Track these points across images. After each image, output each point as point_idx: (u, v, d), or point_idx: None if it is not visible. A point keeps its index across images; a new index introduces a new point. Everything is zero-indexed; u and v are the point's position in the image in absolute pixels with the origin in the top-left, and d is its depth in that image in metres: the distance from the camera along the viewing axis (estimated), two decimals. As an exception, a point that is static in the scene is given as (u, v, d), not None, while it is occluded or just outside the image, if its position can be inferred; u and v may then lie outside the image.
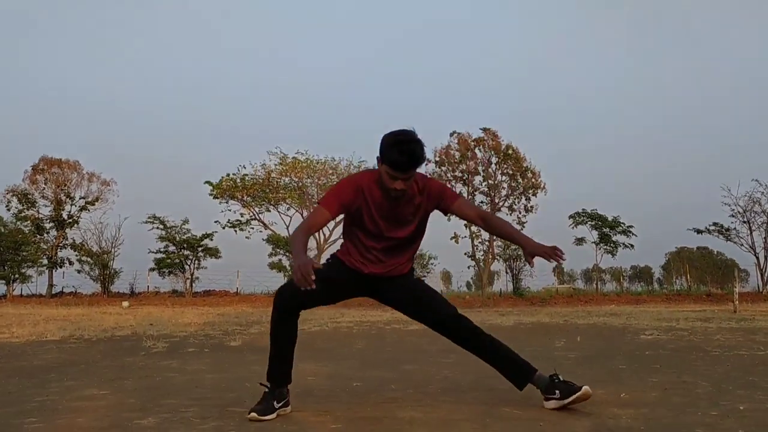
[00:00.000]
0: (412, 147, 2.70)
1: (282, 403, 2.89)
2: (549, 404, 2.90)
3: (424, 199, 2.90)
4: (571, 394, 2.82)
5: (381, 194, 2.83)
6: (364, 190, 2.84)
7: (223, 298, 27.24)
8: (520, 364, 3.00)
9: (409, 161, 2.69)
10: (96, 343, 7.17)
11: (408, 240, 2.97)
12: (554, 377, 2.92)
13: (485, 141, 30.01)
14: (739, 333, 7.57)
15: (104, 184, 33.31)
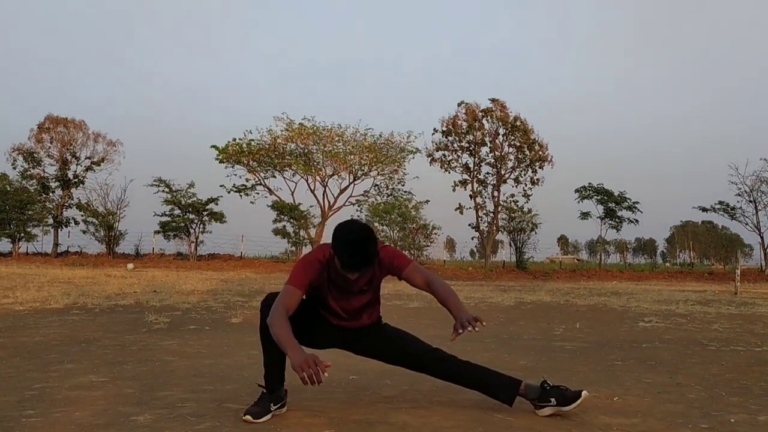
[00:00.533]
0: (362, 249, 2.74)
1: (279, 405, 2.92)
2: (543, 412, 2.92)
3: (377, 271, 2.97)
4: (570, 402, 2.83)
5: (338, 271, 2.88)
6: (324, 265, 2.91)
7: (227, 263, 27.42)
8: (505, 380, 3.01)
9: (362, 263, 2.77)
10: (99, 315, 7.25)
11: (366, 306, 3.06)
12: (545, 384, 2.93)
13: (493, 112, 29.85)
14: (737, 321, 7.59)
15: (110, 145, 33.39)
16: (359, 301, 3.01)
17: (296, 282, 2.86)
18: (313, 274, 2.90)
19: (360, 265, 2.77)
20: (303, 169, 30.62)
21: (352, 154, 30.68)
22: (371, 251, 2.77)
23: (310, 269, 2.90)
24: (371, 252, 2.77)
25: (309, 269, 2.90)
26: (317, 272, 2.90)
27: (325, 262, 2.91)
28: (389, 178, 31.73)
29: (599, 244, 34.98)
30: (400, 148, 31.04)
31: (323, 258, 2.91)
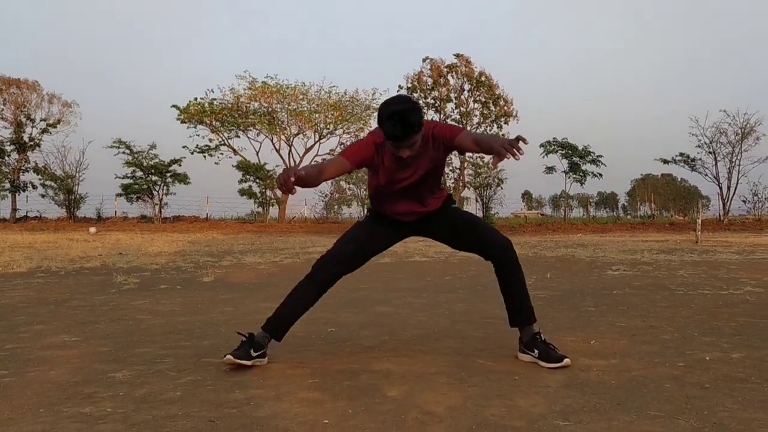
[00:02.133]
0: (404, 115, 2.64)
1: (258, 354, 2.88)
2: (523, 357, 2.96)
3: (432, 146, 2.85)
4: (549, 361, 2.84)
5: (392, 154, 2.82)
6: (379, 146, 2.85)
7: (193, 224, 27.08)
8: (526, 309, 3.00)
9: (404, 132, 2.65)
10: (64, 278, 7.09)
11: (419, 184, 2.93)
12: (537, 335, 2.95)
13: (458, 67, 29.68)
14: (701, 268, 7.78)
15: (66, 106, 32.40)
16: (419, 175, 2.89)
17: (347, 154, 2.85)
18: (366, 153, 2.84)
19: (402, 135, 2.66)
20: (267, 128, 30.20)
21: (316, 113, 30.34)
22: (412, 120, 2.65)
23: (364, 149, 2.85)
24: (412, 121, 2.65)
25: (363, 148, 2.85)
26: (371, 153, 2.84)
27: (381, 143, 2.83)
28: (355, 136, 31.48)
29: (563, 199, 35.44)
30: (366, 105, 30.79)
31: (378, 140, 2.83)
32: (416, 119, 2.66)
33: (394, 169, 2.87)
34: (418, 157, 2.84)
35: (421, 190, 2.96)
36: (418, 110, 2.69)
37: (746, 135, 28.61)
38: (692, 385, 2.49)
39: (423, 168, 2.88)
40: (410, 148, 2.73)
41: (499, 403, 2.30)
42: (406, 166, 2.86)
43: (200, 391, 2.49)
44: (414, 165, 2.86)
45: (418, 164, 2.86)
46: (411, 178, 2.90)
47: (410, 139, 2.68)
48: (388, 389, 2.49)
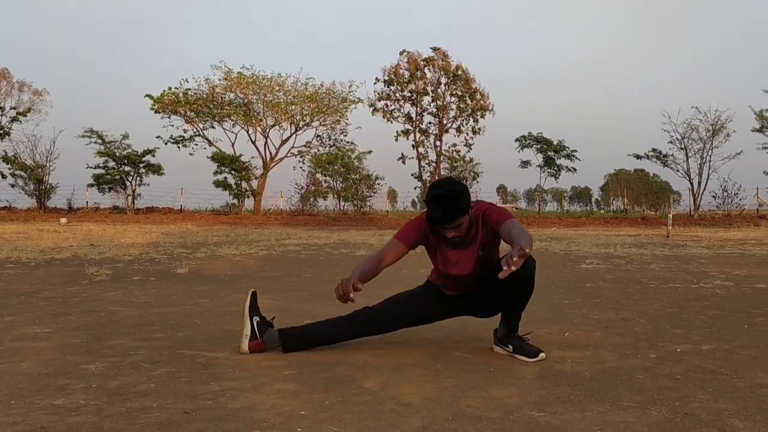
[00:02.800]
0: (447, 203, 2.71)
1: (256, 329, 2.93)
2: (497, 349, 2.98)
3: (481, 229, 2.89)
4: (526, 355, 2.86)
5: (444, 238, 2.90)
6: (429, 230, 2.93)
7: (166, 216, 26.78)
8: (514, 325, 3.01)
9: (444, 216, 2.72)
10: (35, 269, 6.98)
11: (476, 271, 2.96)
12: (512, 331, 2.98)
13: (435, 61, 29.68)
14: (672, 262, 7.91)
15: (36, 94, 31.76)
16: (470, 259, 2.92)
17: (402, 237, 2.99)
18: (419, 233, 2.94)
19: (442, 219, 2.73)
20: (243, 119, 29.94)
21: (293, 104, 30.14)
22: (453, 206, 2.71)
23: (416, 229, 2.96)
24: (454, 207, 2.71)
25: (415, 229, 2.96)
26: (424, 232, 2.94)
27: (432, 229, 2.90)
28: (331, 128, 31.41)
29: (538, 193, 35.75)
30: (342, 97, 30.66)
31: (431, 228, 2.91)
32: (458, 205, 2.72)
33: (446, 249, 2.94)
34: (469, 239, 2.89)
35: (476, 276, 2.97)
36: (460, 195, 2.74)
37: (717, 132, 29.08)
38: (664, 377, 2.53)
39: (474, 251, 2.91)
40: (455, 230, 2.79)
41: (475, 394, 2.31)
42: (456, 245, 2.90)
43: (175, 383, 2.46)
44: (464, 246, 2.91)
45: (469, 247, 2.91)
46: (466, 264, 2.93)
47: (452, 222, 2.74)
48: (364, 381, 2.49)
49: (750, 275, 6.34)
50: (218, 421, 2.01)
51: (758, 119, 28.48)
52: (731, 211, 29.51)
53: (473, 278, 2.98)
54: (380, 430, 1.94)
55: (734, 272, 6.61)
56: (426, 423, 2.00)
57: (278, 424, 1.99)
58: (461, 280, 3.00)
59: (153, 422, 2.00)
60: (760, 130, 28.61)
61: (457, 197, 2.73)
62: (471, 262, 2.93)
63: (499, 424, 1.99)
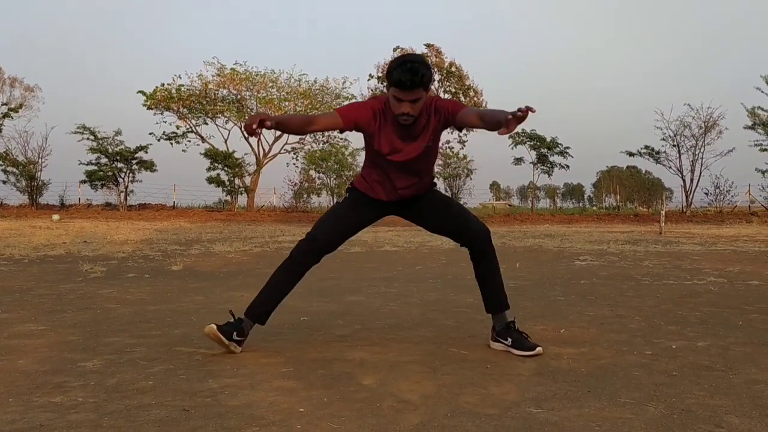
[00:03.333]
0: (416, 66, 2.64)
1: (239, 339, 2.86)
2: (496, 345, 2.99)
3: (434, 118, 2.83)
4: (523, 350, 2.87)
5: (392, 118, 2.79)
6: (378, 113, 2.82)
7: (159, 212, 26.70)
8: (501, 297, 3.06)
9: (413, 78, 2.62)
10: (28, 266, 6.95)
11: (422, 158, 2.91)
12: (511, 324, 2.99)
13: (428, 57, 29.61)
14: (666, 258, 7.95)
15: (28, 90, 31.58)
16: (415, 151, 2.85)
17: (342, 111, 2.83)
18: (363, 115, 2.81)
19: (412, 81, 2.63)
20: (236, 115, 29.85)
21: (286, 101, 30.09)
22: (423, 70, 2.65)
23: (361, 109, 2.83)
24: (423, 71, 2.65)
25: (360, 109, 2.84)
26: (368, 117, 2.80)
27: (381, 110, 2.81)
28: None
29: (531, 190, 35.80)
30: (336, 94, 30.62)
31: (377, 106, 2.82)
32: (426, 73, 2.66)
33: (395, 136, 2.83)
34: (420, 128, 2.81)
35: (420, 165, 2.92)
36: (429, 68, 2.72)
37: (709, 129, 29.21)
38: (660, 373, 2.55)
39: (424, 140, 2.85)
40: (412, 106, 2.69)
41: (473, 391, 2.32)
42: (407, 136, 2.82)
43: (173, 380, 2.46)
44: (415, 135, 2.83)
45: (419, 135, 2.83)
46: (411, 152, 2.85)
47: (416, 90, 2.66)
48: (362, 378, 2.50)
49: (743, 272, 6.38)
50: (218, 419, 2.01)
51: (750, 116, 28.61)
52: (723, 208, 29.67)
53: (416, 168, 2.92)
54: (380, 426, 1.94)
55: (727, 269, 6.65)
56: (425, 420, 2.01)
57: (278, 421, 1.99)
58: (409, 170, 2.91)
59: (152, 420, 2.00)
60: (752, 127, 28.72)
61: (426, 65, 2.71)
62: (418, 150, 2.86)
63: (497, 420, 2.00)
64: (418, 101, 2.70)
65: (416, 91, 2.66)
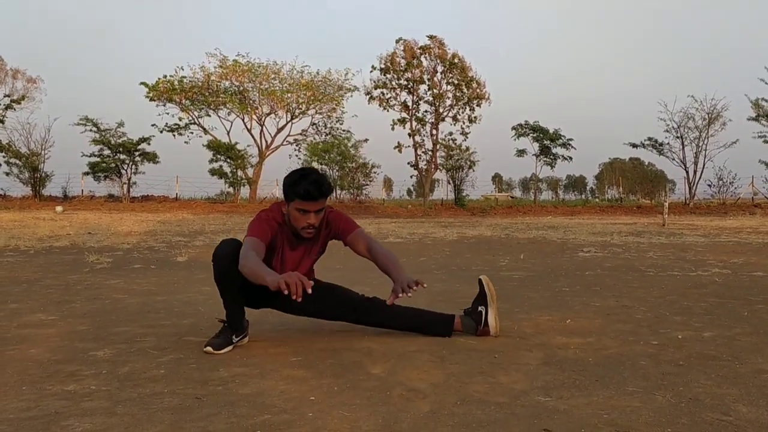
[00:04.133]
0: (318, 178, 2.80)
1: (241, 336, 2.89)
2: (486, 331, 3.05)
3: (324, 231, 2.98)
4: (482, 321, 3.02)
5: (288, 234, 2.91)
6: (282, 226, 2.90)
7: (162, 204, 26.74)
8: (440, 317, 3.10)
9: (319, 189, 2.77)
10: (35, 256, 6.98)
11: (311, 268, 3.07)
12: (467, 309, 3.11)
13: (431, 49, 29.59)
14: (670, 250, 7.96)
15: (30, 82, 31.54)
16: (307, 263, 3.01)
17: (259, 233, 2.79)
18: (272, 228, 2.85)
19: (318, 192, 2.75)
20: (239, 107, 29.83)
21: (289, 92, 30.03)
22: (326, 183, 2.82)
23: (268, 225, 2.85)
24: (326, 183, 2.82)
25: (268, 225, 2.85)
26: (274, 231, 2.86)
27: (282, 223, 2.89)
28: (327, 116, 31.32)
29: (533, 181, 35.77)
30: (338, 86, 30.56)
31: (280, 219, 2.89)
32: (328, 183, 2.85)
33: (286, 248, 2.93)
34: (311, 241, 2.95)
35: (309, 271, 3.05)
36: (327, 178, 2.89)
37: (713, 120, 29.16)
38: (667, 363, 2.57)
39: (315, 252, 3.01)
40: (316, 216, 2.81)
41: (482, 379, 2.34)
42: (298, 246, 2.94)
43: (184, 369, 2.49)
44: (308, 249, 2.97)
45: (311, 247, 2.97)
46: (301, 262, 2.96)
47: (323, 199, 2.81)
48: (371, 367, 2.52)
49: (747, 263, 6.39)
50: (230, 406, 2.03)
51: (754, 108, 28.54)
52: (727, 200, 29.64)
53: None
54: (390, 414, 1.96)
55: (731, 260, 6.66)
56: (435, 408, 2.03)
57: (289, 408, 2.01)
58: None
59: (165, 407, 2.02)
60: (755, 118, 28.67)
61: (325, 178, 2.86)
62: (307, 264, 2.99)
63: (507, 408, 2.02)
64: (321, 211, 2.85)
65: (320, 201, 2.80)
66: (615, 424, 1.87)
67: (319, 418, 1.93)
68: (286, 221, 2.89)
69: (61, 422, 1.89)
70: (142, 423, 1.88)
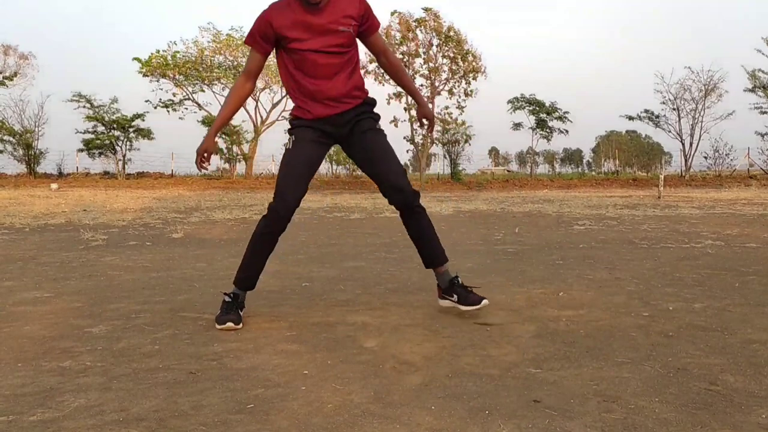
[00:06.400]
0: None
1: (242, 309, 2.90)
2: (443, 303, 3.01)
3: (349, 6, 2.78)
4: (468, 304, 2.90)
5: (299, 7, 2.71)
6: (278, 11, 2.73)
7: (158, 181, 26.70)
8: (438, 251, 3.02)
9: None
10: (30, 234, 6.98)
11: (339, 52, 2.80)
12: (455, 280, 2.99)
13: (427, 22, 29.29)
14: (664, 222, 7.99)
15: (22, 58, 31.24)
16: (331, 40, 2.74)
17: (249, 39, 2.79)
18: (260, 27, 2.74)
19: None
20: (233, 82, 29.60)
21: (283, 67, 29.78)
22: None
23: (259, 21, 2.74)
24: None
25: (259, 21, 2.74)
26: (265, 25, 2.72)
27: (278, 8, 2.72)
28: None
29: (529, 155, 35.74)
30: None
31: (275, 4, 2.74)
32: None
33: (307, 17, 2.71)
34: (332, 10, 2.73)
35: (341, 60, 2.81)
36: None
37: (710, 92, 29.07)
38: (657, 334, 2.60)
39: (338, 24, 2.74)
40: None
41: (473, 352, 2.37)
42: (319, 19, 2.72)
43: (178, 344, 2.51)
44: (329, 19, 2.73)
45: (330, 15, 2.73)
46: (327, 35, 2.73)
47: None
48: (364, 340, 2.54)
49: (741, 235, 6.42)
50: (224, 381, 2.06)
51: (751, 79, 28.45)
52: (722, 172, 29.68)
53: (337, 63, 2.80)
54: (382, 387, 1.99)
55: (725, 232, 6.69)
56: (427, 380, 2.05)
57: (283, 383, 2.04)
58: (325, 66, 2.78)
59: (160, 382, 2.04)
60: (752, 90, 28.59)
61: None
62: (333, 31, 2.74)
63: (498, 380, 2.04)
64: None
65: None
66: (603, 394, 1.90)
67: (312, 391, 1.96)
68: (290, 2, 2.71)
69: (56, 398, 1.91)
70: (137, 398, 1.90)
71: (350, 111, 2.90)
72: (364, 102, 2.96)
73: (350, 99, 2.89)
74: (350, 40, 2.82)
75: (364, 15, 2.83)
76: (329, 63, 2.78)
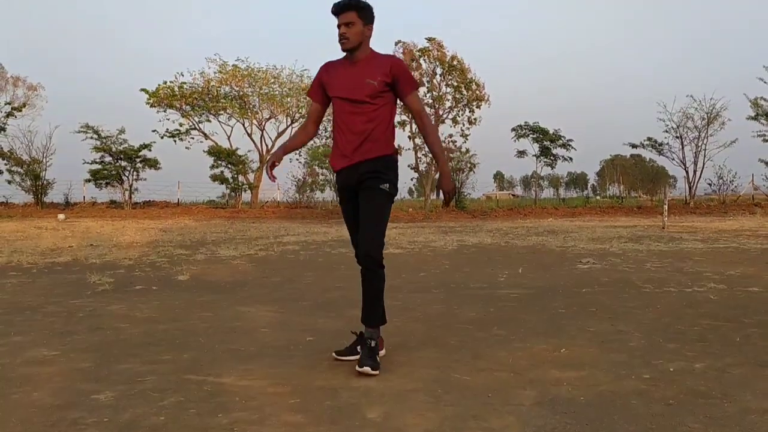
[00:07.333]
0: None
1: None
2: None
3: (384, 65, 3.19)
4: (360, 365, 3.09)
5: (342, 63, 3.28)
6: (328, 66, 3.33)
7: (163, 210, 26.85)
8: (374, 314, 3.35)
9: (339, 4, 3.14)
10: (37, 276, 7.05)
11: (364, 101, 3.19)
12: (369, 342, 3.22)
13: (430, 51, 29.60)
14: (667, 260, 8.01)
15: (31, 89, 31.69)
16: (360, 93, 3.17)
17: (311, 94, 3.42)
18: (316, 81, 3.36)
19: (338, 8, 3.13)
20: (239, 112, 29.93)
21: (288, 96, 30.13)
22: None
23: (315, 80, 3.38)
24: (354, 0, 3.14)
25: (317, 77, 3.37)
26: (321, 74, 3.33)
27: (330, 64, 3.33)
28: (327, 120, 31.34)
29: (534, 180, 35.80)
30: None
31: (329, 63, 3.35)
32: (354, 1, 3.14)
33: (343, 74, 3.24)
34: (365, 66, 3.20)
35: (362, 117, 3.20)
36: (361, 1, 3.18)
37: (712, 120, 29.17)
38: (657, 401, 2.62)
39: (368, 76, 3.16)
40: (346, 28, 3.13)
41: (475, 425, 2.39)
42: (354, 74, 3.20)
43: (183, 415, 2.54)
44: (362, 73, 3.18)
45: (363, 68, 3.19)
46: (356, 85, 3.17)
47: (346, 13, 3.13)
48: (367, 410, 2.58)
49: (744, 275, 6.44)
50: (229, 461, 2.09)
51: (753, 107, 28.56)
52: (726, 197, 29.68)
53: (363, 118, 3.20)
54: (385, 468, 2.02)
55: (728, 272, 6.70)
56: (428, 459, 2.08)
57: (286, 462, 2.07)
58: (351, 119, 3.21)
59: (166, 463, 2.08)
60: (755, 117, 28.69)
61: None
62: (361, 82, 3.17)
63: (498, 459, 2.07)
64: (351, 25, 3.13)
65: (346, 14, 3.12)
66: (602, 477, 1.93)
67: (315, 473, 1.99)
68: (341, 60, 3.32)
69: (64, 482, 1.94)
70: (143, 481, 1.94)
71: (361, 165, 3.23)
72: (377, 158, 3.23)
73: (362, 154, 3.22)
74: (375, 93, 3.17)
75: (395, 75, 3.19)
76: (354, 111, 3.20)
